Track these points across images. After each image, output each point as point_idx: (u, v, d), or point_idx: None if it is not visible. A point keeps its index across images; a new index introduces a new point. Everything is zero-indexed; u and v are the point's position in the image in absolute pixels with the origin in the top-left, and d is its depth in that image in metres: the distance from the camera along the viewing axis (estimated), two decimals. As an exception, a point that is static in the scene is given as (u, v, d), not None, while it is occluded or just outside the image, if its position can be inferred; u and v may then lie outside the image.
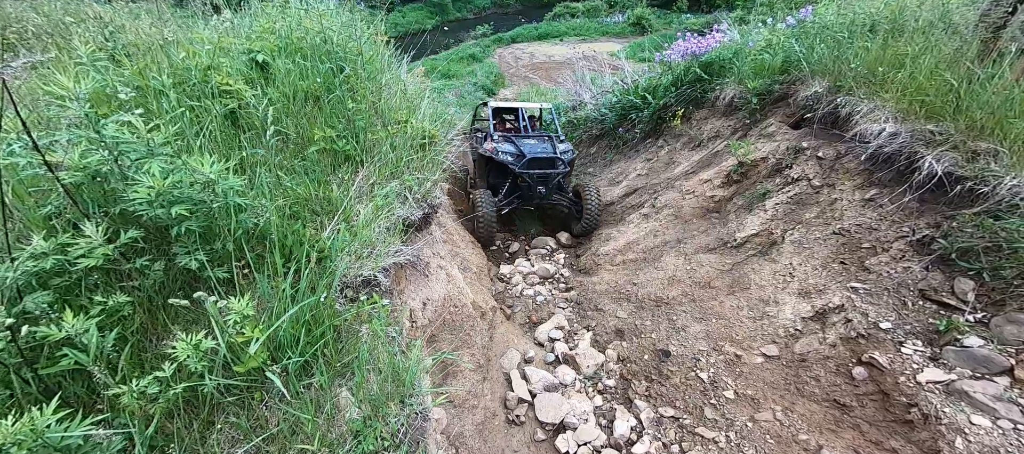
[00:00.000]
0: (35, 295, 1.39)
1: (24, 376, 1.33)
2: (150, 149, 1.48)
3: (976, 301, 2.65)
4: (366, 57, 3.25)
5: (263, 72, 2.95)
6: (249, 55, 2.90)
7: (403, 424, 1.53)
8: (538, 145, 5.96)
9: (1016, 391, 2.28)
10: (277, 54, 3.02)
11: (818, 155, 4.06)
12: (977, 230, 2.74)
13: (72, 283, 1.53)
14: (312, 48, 3.17)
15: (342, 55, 3.05)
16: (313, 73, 2.96)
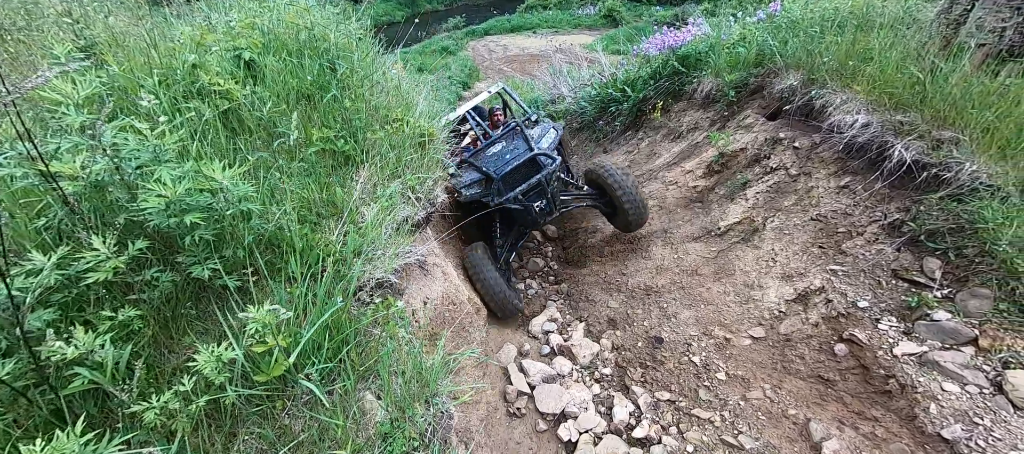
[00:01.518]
0: (37, 313, 1.31)
1: (30, 397, 1.27)
2: (157, 156, 1.42)
3: (943, 278, 2.88)
4: (358, 54, 3.18)
5: (249, 70, 2.85)
6: (234, 53, 2.79)
7: (430, 424, 1.54)
8: (506, 149, 4.32)
9: (980, 359, 2.50)
10: (263, 51, 2.91)
11: (795, 145, 4.27)
12: (942, 213, 2.97)
13: (72, 299, 1.45)
14: (300, 45, 3.07)
15: (333, 52, 2.97)
16: (304, 71, 2.88)
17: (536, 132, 4.56)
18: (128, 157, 1.44)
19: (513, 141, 4.42)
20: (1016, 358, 2.40)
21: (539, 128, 4.69)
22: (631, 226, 4.68)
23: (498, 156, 4.32)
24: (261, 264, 1.64)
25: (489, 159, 4.32)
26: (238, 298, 1.61)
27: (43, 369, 1.16)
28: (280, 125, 2.23)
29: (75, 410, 1.34)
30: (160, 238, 1.58)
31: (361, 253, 1.89)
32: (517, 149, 4.26)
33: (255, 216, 1.62)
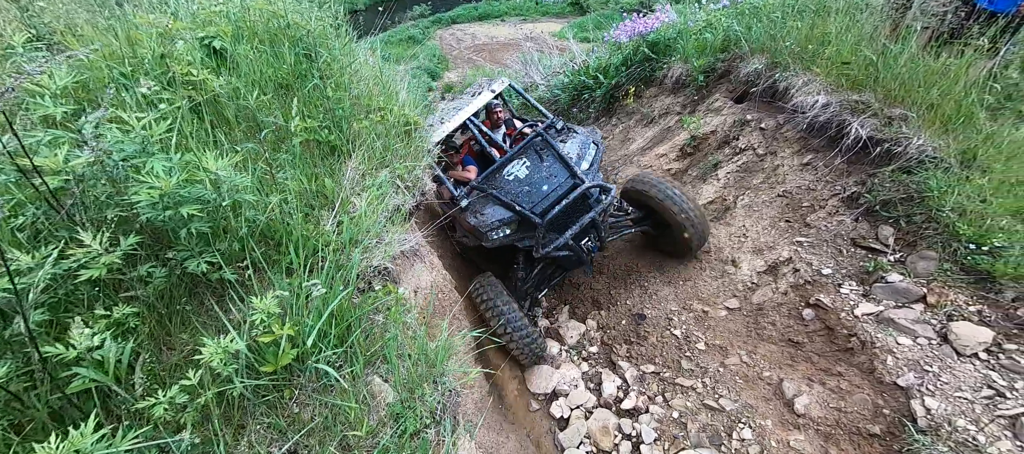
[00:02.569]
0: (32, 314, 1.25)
1: (26, 401, 1.22)
2: (144, 147, 1.37)
3: (895, 244, 3.14)
4: (338, 42, 3.10)
5: (220, 60, 2.74)
6: (203, 41, 2.67)
7: (439, 402, 1.59)
8: (535, 173, 3.37)
9: (929, 314, 2.77)
10: (233, 40, 2.80)
11: (761, 126, 4.50)
12: (894, 184, 3.23)
13: (60, 300, 1.39)
14: (272, 32, 2.97)
15: (309, 40, 2.89)
16: (280, 60, 2.79)
17: (572, 148, 3.53)
18: (113, 150, 1.38)
19: (543, 162, 3.44)
20: (959, 311, 2.68)
21: (572, 140, 3.66)
22: (691, 250, 3.91)
23: (528, 184, 3.33)
24: (258, 256, 1.61)
25: (514, 187, 3.34)
26: (236, 292, 1.58)
27: (49, 368, 1.12)
28: (261, 116, 2.17)
29: (74, 412, 1.30)
30: (149, 233, 1.53)
31: (358, 242, 1.89)
32: (554, 175, 3.33)
33: (251, 207, 1.59)
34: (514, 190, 3.36)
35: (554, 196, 3.25)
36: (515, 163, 3.56)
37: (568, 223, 3.22)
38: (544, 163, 3.48)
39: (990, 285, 2.69)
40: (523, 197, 3.31)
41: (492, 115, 4.70)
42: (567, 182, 3.31)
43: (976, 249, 2.79)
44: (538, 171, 3.43)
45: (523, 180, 3.41)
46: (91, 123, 1.35)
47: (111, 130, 1.35)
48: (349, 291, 1.63)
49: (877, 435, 2.47)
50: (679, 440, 2.92)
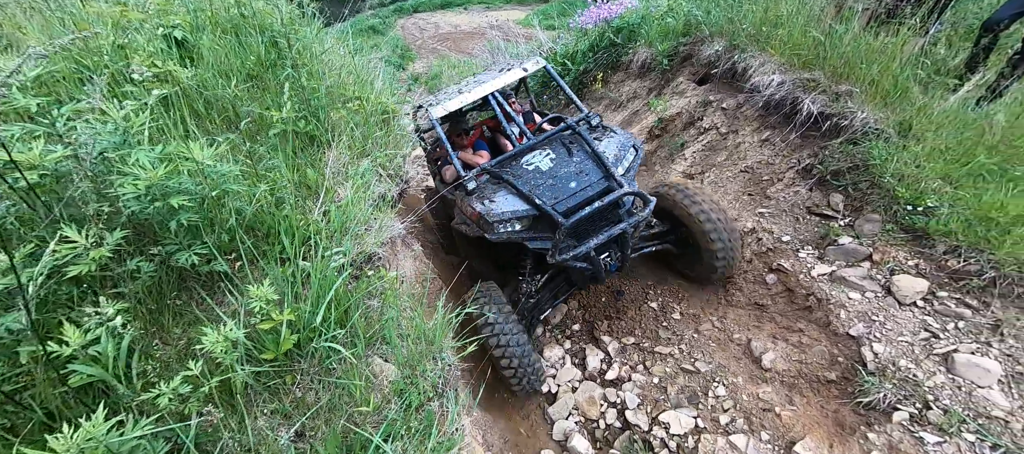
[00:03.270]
0: (10, 315, 1.22)
1: (23, 401, 1.19)
2: (126, 139, 1.34)
3: (845, 209, 3.43)
4: (311, 30, 3.02)
5: (181, 50, 2.63)
6: (163, 31, 2.56)
7: (440, 377, 1.65)
8: (560, 166, 2.97)
9: (874, 270, 3.07)
10: (194, 30, 2.70)
11: (723, 106, 4.74)
12: (842, 155, 3.52)
13: (43, 299, 1.35)
14: (235, 22, 2.87)
15: (276, 29, 2.81)
16: (246, 50, 2.70)
17: (608, 147, 3.07)
18: (88, 143, 1.34)
19: (572, 157, 3.02)
20: (899, 266, 2.98)
21: (608, 139, 3.18)
22: (715, 275, 3.38)
23: (551, 178, 2.90)
24: (249, 246, 1.61)
25: (534, 178, 2.93)
26: (231, 283, 1.58)
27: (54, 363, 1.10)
28: (236, 107, 2.12)
29: (69, 412, 1.28)
30: (132, 228, 1.49)
31: (347, 230, 1.90)
32: (585, 173, 2.90)
33: (238, 198, 1.58)
34: (534, 181, 2.92)
35: (583, 196, 2.81)
36: (537, 153, 3.12)
37: (591, 231, 2.83)
38: (573, 158, 3.03)
39: (925, 241, 3.00)
40: (544, 190, 2.85)
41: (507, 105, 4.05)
42: (600, 183, 2.87)
43: (913, 210, 3.10)
44: (565, 165, 2.98)
45: (546, 173, 2.97)
46: (62, 116, 1.31)
47: (88, 122, 1.31)
48: (345, 276, 1.65)
49: (834, 380, 2.73)
50: (660, 403, 3.12)
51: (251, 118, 1.96)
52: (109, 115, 1.29)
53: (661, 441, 2.88)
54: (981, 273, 2.71)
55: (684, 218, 3.26)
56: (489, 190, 3.04)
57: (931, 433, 2.25)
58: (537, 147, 3.19)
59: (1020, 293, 2.61)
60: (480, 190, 3.06)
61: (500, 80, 3.48)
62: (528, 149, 3.18)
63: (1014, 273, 2.63)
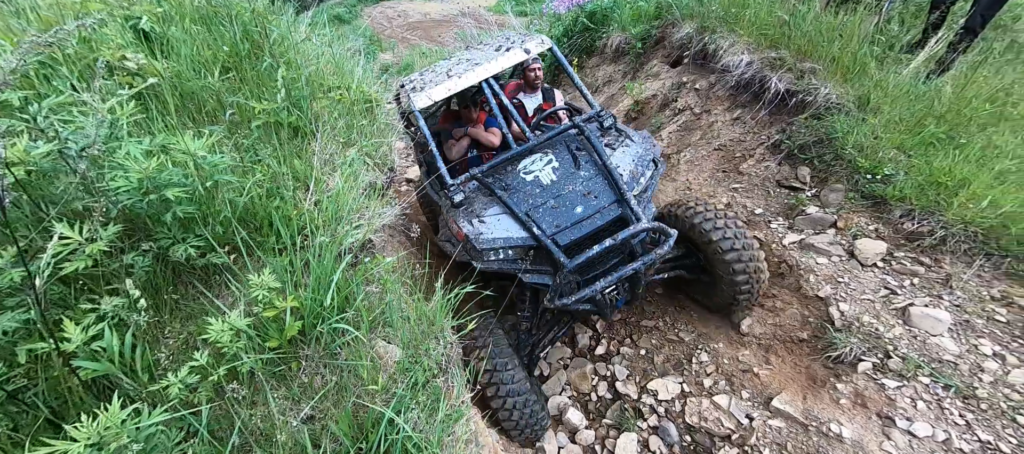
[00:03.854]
0: (6, 315, 1.19)
1: (27, 401, 1.18)
2: (113, 132, 1.31)
3: (811, 181, 3.64)
4: (272, 20, 2.94)
5: (148, 42, 2.54)
6: (129, 22, 2.46)
7: (443, 355, 1.70)
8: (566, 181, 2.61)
9: (839, 236, 3.29)
10: (162, 20, 2.60)
11: (696, 87, 4.89)
12: (808, 130, 3.72)
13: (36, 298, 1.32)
14: (204, 12, 2.77)
15: (248, 18, 2.73)
16: (218, 41, 2.62)
17: (623, 160, 2.67)
18: (70, 138, 1.30)
19: (579, 170, 2.63)
20: (861, 231, 3.20)
21: (623, 148, 2.78)
22: (735, 307, 3.05)
23: (553, 196, 2.53)
24: (245, 236, 1.61)
25: (532, 194, 2.56)
26: (232, 275, 1.58)
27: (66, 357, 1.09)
28: (209, 101, 2.07)
29: (71, 411, 1.27)
30: (123, 222, 1.47)
31: (342, 218, 1.91)
32: (594, 194, 2.51)
33: (231, 189, 1.57)
34: (532, 200, 2.52)
35: (591, 226, 2.40)
36: (537, 157, 2.72)
37: (598, 266, 2.48)
38: (580, 171, 2.61)
39: (883, 207, 3.23)
40: (544, 213, 2.46)
41: (527, 74, 3.58)
42: (611, 209, 2.44)
43: (872, 179, 3.32)
44: (571, 180, 2.58)
45: (547, 188, 2.56)
46: (43, 110, 1.27)
47: (72, 116, 1.28)
48: (347, 260, 1.68)
49: (805, 339, 2.94)
50: (648, 372, 3.27)
51: (233, 110, 1.93)
52: (93, 108, 1.26)
53: (650, 407, 3.03)
54: (933, 233, 2.96)
55: (701, 244, 2.84)
56: (479, 203, 2.64)
57: (891, 379, 2.46)
58: (539, 149, 2.79)
59: (966, 249, 2.87)
60: (469, 202, 2.65)
61: (497, 63, 2.94)
62: (527, 152, 2.77)
63: (961, 231, 2.88)
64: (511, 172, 2.74)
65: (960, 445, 2.15)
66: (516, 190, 2.62)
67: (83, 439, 0.94)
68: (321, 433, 1.44)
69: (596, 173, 2.62)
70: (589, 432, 3.04)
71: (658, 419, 2.99)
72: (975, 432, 2.17)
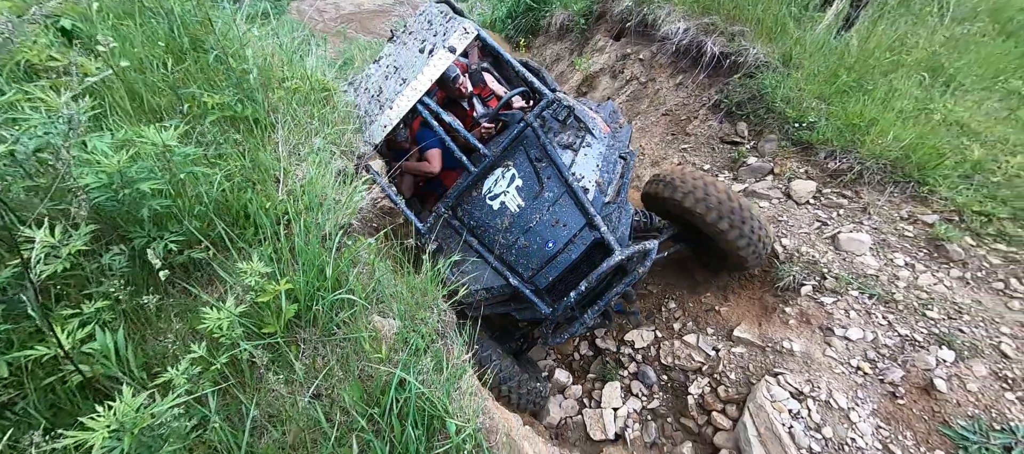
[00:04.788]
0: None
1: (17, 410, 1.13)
2: (71, 127, 1.24)
3: (749, 135, 4.00)
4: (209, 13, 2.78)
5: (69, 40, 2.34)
6: (49, 21, 2.25)
7: (439, 322, 1.78)
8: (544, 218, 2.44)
9: (776, 181, 3.66)
10: (86, 18, 2.40)
11: (639, 57, 5.15)
12: (742, 88, 4.06)
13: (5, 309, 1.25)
14: (128, 8, 2.58)
15: (185, 10, 2.57)
16: (151, 37, 2.46)
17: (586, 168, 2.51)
18: (27, 136, 1.23)
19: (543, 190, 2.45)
20: (794, 174, 3.58)
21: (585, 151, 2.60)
22: (744, 267, 2.93)
23: (521, 231, 2.41)
24: (224, 229, 1.58)
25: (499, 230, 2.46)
26: (209, 270, 1.55)
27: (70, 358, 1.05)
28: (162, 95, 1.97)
29: (65, 417, 1.22)
30: (94, 223, 1.40)
31: (319, 205, 1.91)
32: (562, 222, 2.38)
33: (204, 182, 1.53)
34: (503, 237, 2.41)
35: (566, 261, 2.31)
36: (499, 175, 2.53)
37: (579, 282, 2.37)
38: (544, 192, 2.41)
39: (810, 150, 3.63)
40: (517, 255, 2.37)
41: (451, 90, 3.17)
42: (584, 235, 2.31)
43: (799, 127, 3.71)
44: (537, 205, 2.41)
45: (516, 222, 2.42)
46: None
47: (20, 114, 1.20)
48: (338, 237, 1.69)
49: (756, 275, 3.27)
50: (624, 326, 3.51)
51: (186, 104, 1.84)
52: (48, 104, 1.18)
53: (629, 356, 3.27)
54: (851, 169, 3.37)
55: (693, 221, 2.72)
56: (455, 242, 2.55)
57: (828, 296, 2.83)
58: (498, 164, 2.58)
59: (879, 180, 3.30)
60: (446, 244, 2.51)
61: (425, 76, 2.59)
62: (487, 170, 2.57)
63: (874, 165, 3.31)
64: (476, 199, 2.60)
65: (885, 341, 2.54)
66: (485, 226, 2.52)
67: (102, 427, 0.93)
68: (331, 408, 1.48)
69: (561, 191, 2.42)
70: (576, 387, 3.23)
71: (637, 366, 3.23)
72: (896, 329, 2.57)
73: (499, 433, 1.65)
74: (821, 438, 2.28)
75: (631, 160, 2.72)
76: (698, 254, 3.35)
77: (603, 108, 2.99)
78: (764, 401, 2.47)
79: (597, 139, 2.65)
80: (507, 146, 2.58)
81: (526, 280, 2.37)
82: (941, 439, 2.20)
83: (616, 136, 2.83)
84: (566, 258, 2.34)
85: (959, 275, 2.79)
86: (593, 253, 2.37)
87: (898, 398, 2.35)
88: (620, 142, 2.80)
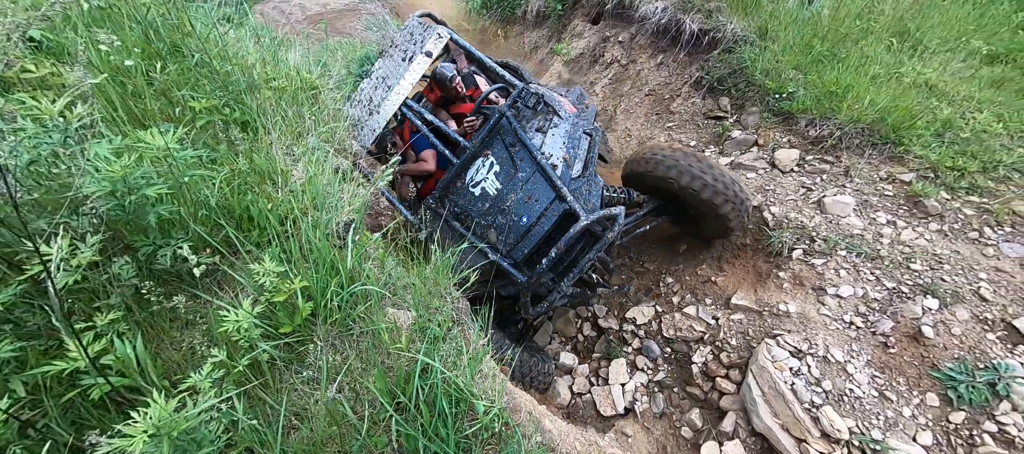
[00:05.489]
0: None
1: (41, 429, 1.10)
2: (65, 135, 1.20)
3: (732, 109, 4.10)
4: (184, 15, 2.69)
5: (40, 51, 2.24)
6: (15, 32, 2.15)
7: (453, 309, 1.79)
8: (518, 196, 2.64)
9: (761, 152, 3.77)
10: (54, 28, 2.29)
11: (619, 40, 5.19)
12: (722, 64, 4.15)
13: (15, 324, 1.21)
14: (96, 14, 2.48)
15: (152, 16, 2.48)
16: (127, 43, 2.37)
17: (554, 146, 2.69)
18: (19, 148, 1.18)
19: (517, 171, 2.65)
20: (778, 144, 3.69)
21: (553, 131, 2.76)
22: (732, 231, 3.06)
23: (500, 211, 2.64)
24: (230, 232, 1.55)
25: (481, 211, 2.69)
26: (216, 277, 1.52)
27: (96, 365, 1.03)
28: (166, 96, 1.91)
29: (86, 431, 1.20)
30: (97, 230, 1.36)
31: (321, 204, 1.89)
32: (535, 197, 2.58)
33: (208, 185, 1.50)
34: (483, 218, 2.66)
35: (539, 233, 2.51)
36: (480, 165, 2.74)
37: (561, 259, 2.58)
38: (519, 173, 2.63)
39: (792, 120, 3.74)
40: (498, 235, 2.61)
41: (448, 90, 3.31)
42: (554, 208, 2.50)
43: (779, 97, 3.82)
44: (512, 186, 2.62)
45: (493, 201, 2.66)
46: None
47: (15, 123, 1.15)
48: (354, 230, 1.69)
49: (748, 244, 3.38)
50: (624, 305, 3.58)
51: (176, 109, 1.79)
52: (40, 114, 1.14)
53: (632, 332, 3.34)
54: (831, 135, 3.50)
55: (675, 192, 2.86)
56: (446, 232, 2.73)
57: (818, 258, 2.94)
58: (479, 154, 2.79)
59: (858, 143, 3.44)
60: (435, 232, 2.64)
61: (407, 81, 2.84)
62: (470, 160, 2.79)
63: (852, 129, 3.44)
64: (461, 188, 2.84)
65: (874, 295, 2.66)
66: (468, 212, 2.76)
67: (139, 433, 0.92)
68: (355, 401, 1.48)
69: (533, 170, 2.62)
70: (583, 366, 3.29)
71: (640, 341, 3.31)
72: (883, 283, 2.69)
73: (522, 412, 1.68)
74: (822, 391, 2.38)
75: (597, 135, 2.91)
76: (682, 225, 3.49)
77: (571, 92, 3.20)
78: (766, 362, 2.56)
79: (563, 119, 2.82)
80: (485, 137, 2.77)
81: (504, 255, 2.57)
82: (931, 382, 2.34)
83: (582, 116, 3.00)
84: (539, 230, 2.54)
85: (937, 228, 2.94)
86: (565, 224, 2.53)
87: (890, 348, 2.48)
88: (585, 120, 2.97)
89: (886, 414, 2.27)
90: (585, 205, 2.56)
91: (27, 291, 1.20)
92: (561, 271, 2.64)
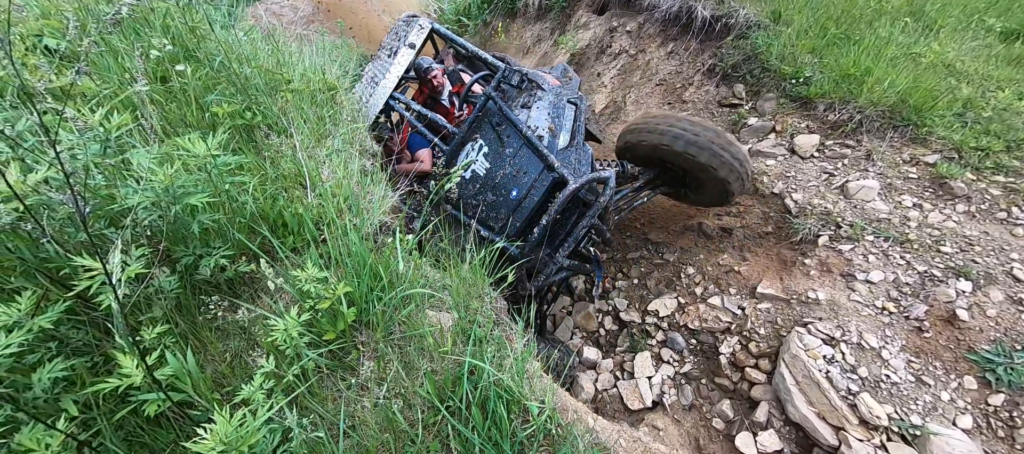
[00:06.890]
0: (45, 369, 1.06)
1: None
2: (105, 145, 1.16)
3: (747, 96, 4.05)
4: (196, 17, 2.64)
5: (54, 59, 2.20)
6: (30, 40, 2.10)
7: (491, 309, 1.76)
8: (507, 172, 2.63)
9: (780, 139, 3.72)
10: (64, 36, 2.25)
11: (627, 29, 5.13)
12: (736, 50, 4.09)
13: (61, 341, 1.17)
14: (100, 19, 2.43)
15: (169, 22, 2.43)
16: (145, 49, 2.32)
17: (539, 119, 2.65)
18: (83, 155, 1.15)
19: (505, 148, 2.63)
20: (796, 130, 3.65)
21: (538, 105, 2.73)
22: (732, 194, 2.98)
23: (491, 190, 2.62)
24: (268, 237, 1.52)
25: (473, 194, 2.66)
26: (257, 285, 1.49)
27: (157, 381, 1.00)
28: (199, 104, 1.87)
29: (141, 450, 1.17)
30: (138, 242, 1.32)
31: (352, 207, 1.85)
32: (524, 171, 2.56)
33: (246, 192, 1.46)
34: (475, 199, 2.63)
35: (530, 205, 2.48)
36: (469, 149, 2.74)
37: (555, 231, 2.56)
38: (506, 149, 2.62)
39: (810, 105, 3.70)
40: (487, 210, 2.58)
41: (426, 80, 3.37)
42: (544, 179, 2.48)
43: (796, 82, 3.77)
44: (501, 163, 2.61)
45: (484, 180, 2.64)
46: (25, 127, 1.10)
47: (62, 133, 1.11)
48: (392, 238, 1.65)
49: (771, 232, 3.35)
50: (645, 297, 3.55)
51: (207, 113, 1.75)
52: (85, 121, 1.10)
53: (655, 325, 3.32)
54: (851, 119, 3.46)
55: (671, 158, 2.84)
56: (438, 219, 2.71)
57: (845, 244, 2.91)
58: (467, 139, 2.80)
59: (879, 126, 3.39)
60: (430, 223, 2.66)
61: (392, 74, 2.92)
62: (459, 146, 2.80)
63: (873, 113, 3.39)
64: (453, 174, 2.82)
65: (906, 280, 2.63)
66: (461, 196, 2.72)
67: (208, 450, 0.89)
68: (405, 406, 1.46)
69: (521, 144, 2.59)
70: (607, 361, 3.27)
71: (664, 334, 3.29)
72: (914, 267, 2.67)
73: (569, 411, 1.65)
74: (857, 378, 2.36)
75: (582, 104, 2.86)
76: (682, 196, 3.45)
77: (555, 69, 3.20)
78: (798, 350, 2.54)
79: (547, 91, 2.79)
80: (472, 122, 2.78)
81: (497, 231, 2.53)
82: (968, 365, 2.31)
83: (566, 87, 2.97)
84: (530, 202, 2.51)
85: (965, 209, 2.90)
86: (555, 193, 2.49)
87: (924, 332, 2.45)
88: (569, 91, 2.92)
89: (924, 399, 2.25)
90: (574, 174, 2.50)
91: (70, 308, 1.17)
92: (557, 244, 2.58)
